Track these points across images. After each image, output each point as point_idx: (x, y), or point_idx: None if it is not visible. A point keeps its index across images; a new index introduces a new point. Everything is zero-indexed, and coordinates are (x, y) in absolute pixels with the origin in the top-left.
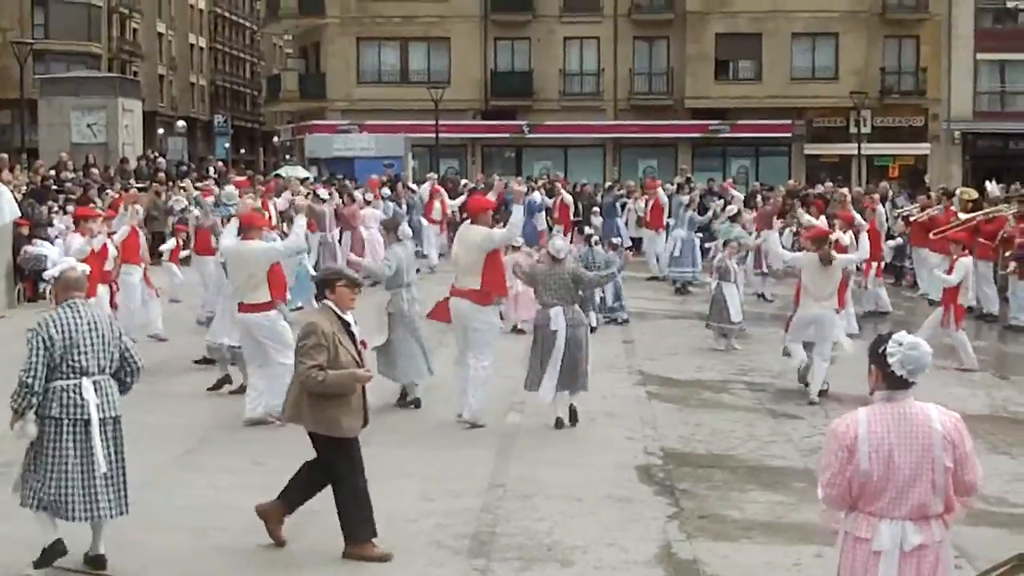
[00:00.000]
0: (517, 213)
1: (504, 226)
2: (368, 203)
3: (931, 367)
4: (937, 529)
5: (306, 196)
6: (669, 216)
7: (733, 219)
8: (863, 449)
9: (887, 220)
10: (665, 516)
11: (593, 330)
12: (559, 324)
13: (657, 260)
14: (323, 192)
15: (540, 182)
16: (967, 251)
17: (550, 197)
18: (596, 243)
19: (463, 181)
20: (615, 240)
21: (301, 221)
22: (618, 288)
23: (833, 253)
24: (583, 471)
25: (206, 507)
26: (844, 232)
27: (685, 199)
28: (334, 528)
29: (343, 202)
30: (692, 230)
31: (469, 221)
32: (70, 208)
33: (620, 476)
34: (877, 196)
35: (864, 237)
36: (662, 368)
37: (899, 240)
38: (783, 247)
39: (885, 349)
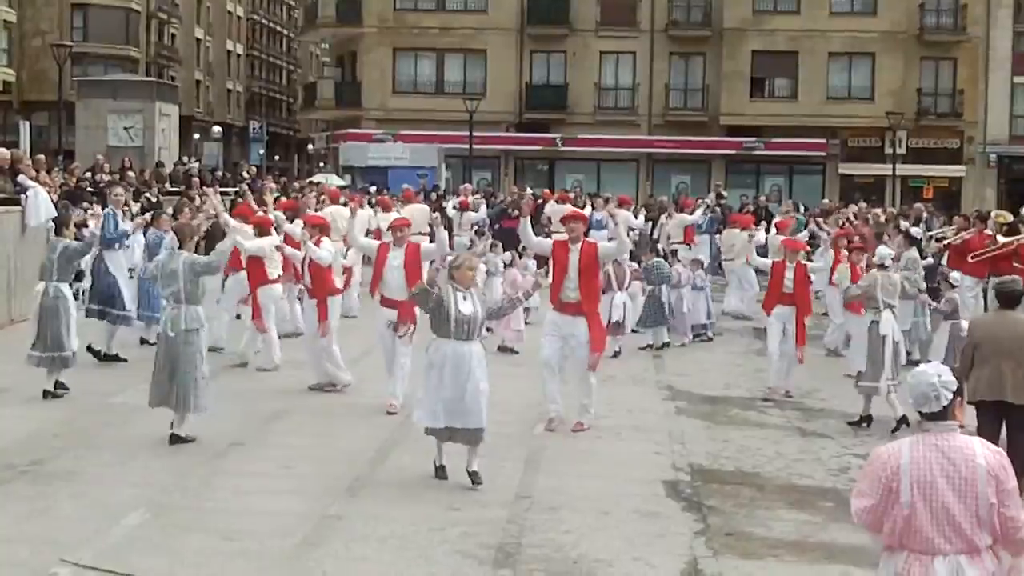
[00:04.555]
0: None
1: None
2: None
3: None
4: (989, 561)
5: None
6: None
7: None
8: (905, 481)
9: (921, 242)
10: (692, 532)
11: (658, 347)
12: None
13: None
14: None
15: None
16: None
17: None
18: (662, 255)
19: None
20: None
21: (443, 234)
22: (708, 305)
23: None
24: (611, 485)
25: (233, 511)
26: None
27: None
28: (358, 533)
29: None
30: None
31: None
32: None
33: (647, 491)
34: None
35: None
36: (691, 383)
37: (930, 260)
38: None
39: None
